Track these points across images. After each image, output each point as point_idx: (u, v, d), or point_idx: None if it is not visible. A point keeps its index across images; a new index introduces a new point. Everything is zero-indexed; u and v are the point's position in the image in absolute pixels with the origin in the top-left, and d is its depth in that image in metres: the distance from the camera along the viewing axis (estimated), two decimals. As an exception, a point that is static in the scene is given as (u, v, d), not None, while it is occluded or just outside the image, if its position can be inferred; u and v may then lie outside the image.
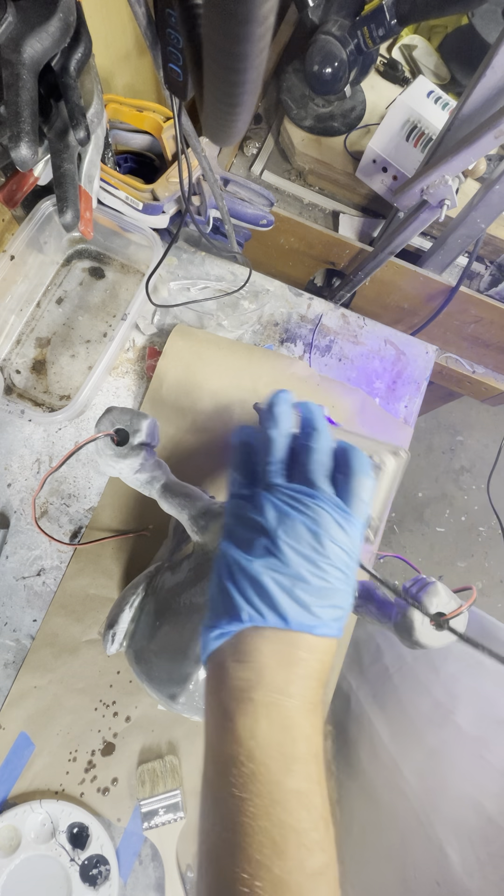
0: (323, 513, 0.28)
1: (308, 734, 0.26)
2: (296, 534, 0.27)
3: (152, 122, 0.57)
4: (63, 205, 0.42)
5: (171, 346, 0.62)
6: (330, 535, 0.27)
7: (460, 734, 0.45)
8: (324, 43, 0.70)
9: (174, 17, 0.26)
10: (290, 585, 0.27)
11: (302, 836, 0.23)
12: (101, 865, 0.48)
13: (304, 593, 0.27)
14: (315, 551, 0.27)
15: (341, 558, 0.28)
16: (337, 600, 0.28)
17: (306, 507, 0.28)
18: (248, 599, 0.27)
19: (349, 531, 0.28)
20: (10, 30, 0.33)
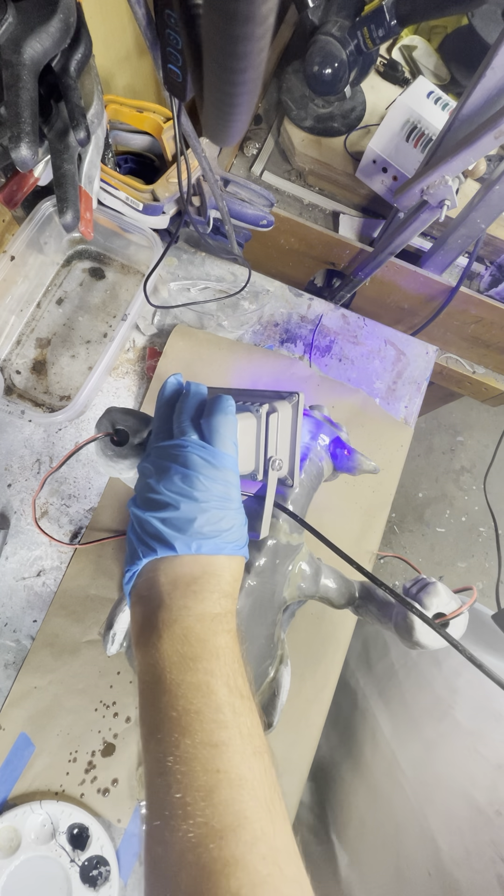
0: (190, 455, 0.32)
1: (205, 638, 0.29)
2: (168, 478, 0.32)
3: (152, 123, 0.57)
4: (63, 205, 0.42)
5: (171, 346, 0.62)
6: (199, 471, 0.31)
7: (457, 727, 0.46)
8: (324, 44, 0.70)
9: (174, 18, 0.26)
10: (172, 518, 0.31)
11: (203, 717, 0.26)
12: (102, 866, 0.48)
13: (184, 521, 0.31)
14: (188, 485, 0.31)
15: (215, 486, 0.32)
16: (221, 523, 0.31)
17: (175, 455, 0.32)
18: (140, 540, 0.31)
19: (217, 463, 0.32)
20: (11, 30, 0.33)
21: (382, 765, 0.50)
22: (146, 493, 0.33)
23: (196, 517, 0.31)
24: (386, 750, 0.51)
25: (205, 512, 0.31)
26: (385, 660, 0.59)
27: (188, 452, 0.32)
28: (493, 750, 0.43)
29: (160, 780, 0.26)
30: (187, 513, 0.31)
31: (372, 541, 0.59)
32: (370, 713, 0.55)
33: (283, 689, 0.44)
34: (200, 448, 0.32)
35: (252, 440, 0.38)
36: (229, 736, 0.27)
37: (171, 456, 0.33)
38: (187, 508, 0.31)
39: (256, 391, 0.42)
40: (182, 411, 0.35)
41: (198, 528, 0.31)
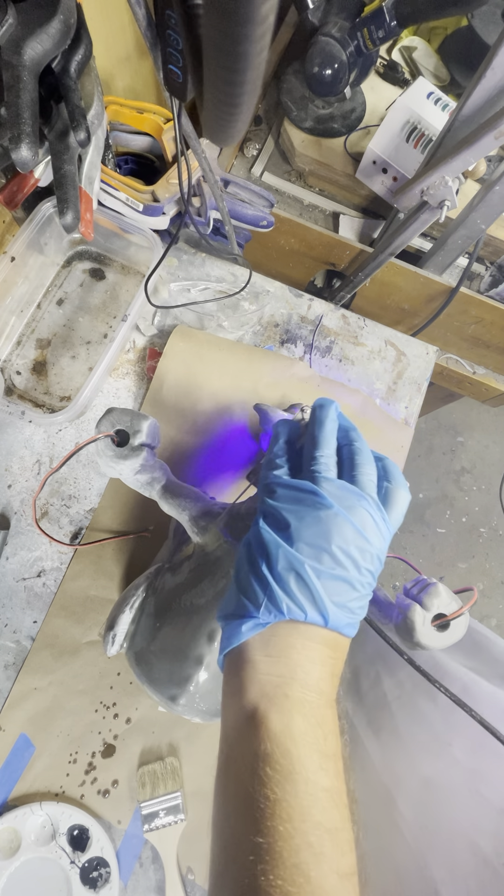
0: (369, 518, 0.28)
1: (334, 729, 0.26)
2: (344, 534, 0.27)
3: (152, 124, 0.57)
4: (63, 206, 0.42)
5: (171, 347, 0.62)
6: (371, 540, 0.28)
7: (456, 765, 0.44)
8: (324, 45, 0.71)
9: (174, 19, 0.26)
10: (332, 584, 0.27)
11: (336, 836, 0.23)
12: (102, 868, 0.47)
13: (343, 593, 0.27)
14: (359, 554, 0.27)
15: (376, 564, 0.28)
16: (364, 603, 0.28)
17: (355, 508, 0.28)
18: (288, 592, 0.27)
19: (385, 537, 0.29)
20: (11, 31, 0.33)
21: (377, 804, 0.47)
22: (308, 530, 0.27)
23: (354, 592, 0.27)
24: (379, 787, 0.48)
25: (362, 588, 0.28)
26: (377, 689, 0.56)
27: (367, 513, 0.28)
28: (497, 791, 0.40)
29: None
30: (349, 583, 0.27)
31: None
32: (358, 742, 0.53)
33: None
34: (380, 516, 0.29)
35: None
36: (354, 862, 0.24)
37: (347, 503, 0.28)
38: (350, 579, 0.27)
39: None
40: (361, 459, 0.31)
41: (353, 605, 0.27)
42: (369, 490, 0.29)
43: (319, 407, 0.33)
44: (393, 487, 0.30)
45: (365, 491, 0.29)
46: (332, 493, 0.28)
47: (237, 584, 0.29)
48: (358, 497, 0.28)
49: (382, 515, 0.29)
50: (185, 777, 0.51)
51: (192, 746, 0.52)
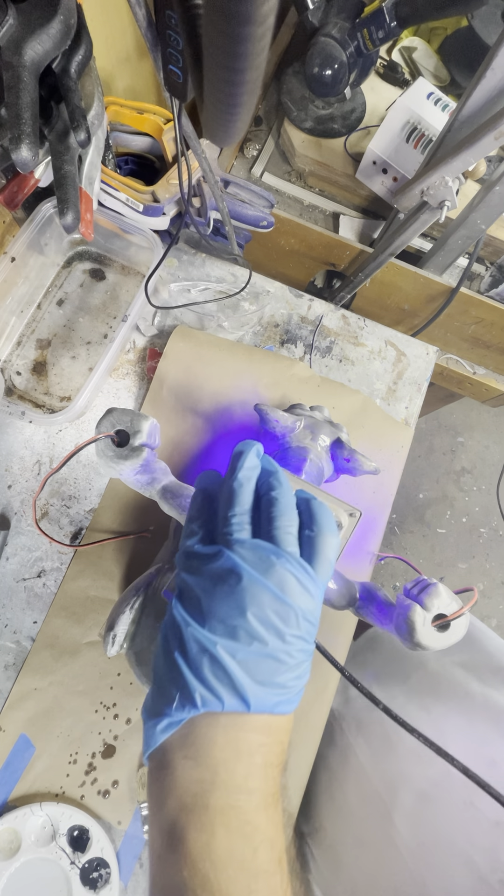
0: (289, 577, 0.25)
1: (270, 836, 0.23)
2: (260, 602, 0.24)
3: (152, 124, 0.57)
4: (64, 206, 0.42)
5: (171, 347, 0.62)
6: (296, 603, 0.24)
7: (450, 776, 0.42)
8: (324, 45, 0.71)
9: (174, 19, 0.26)
10: (253, 662, 0.24)
11: None
12: (102, 868, 0.47)
13: (268, 670, 0.24)
14: (281, 621, 0.24)
15: (306, 628, 0.25)
16: (299, 672, 0.25)
17: (271, 569, 0.24)
18: (202, 680, 0.23)
19: (314, 595, 0.25)
20: (11, 32, 0.33)
21: (373, 817, 0.46)
22: (220, 606, 0.24)
23: (282, 666, 0.24)
24: (375, 798, 0.46)
25: (291, 658, 0.24)
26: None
27: (287, 571, 0.25)
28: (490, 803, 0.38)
29: None
30: (274, 657, 0.24)
31: (372, 542, 0.59)
32: (351, 752, 0.52)
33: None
34: (303, 572, 0.25)
35: None
36: None
37: (261, 566, 0.25)
38: (275, 652, 0.24)
39: (316, 487, 0.38)
40: (277, 512, 0.27)
41: (281, 681, 0.24)
42: (287, 545, 0.26)
43: (235, 455, 0.30)
44: (316, 535, 0.27)
45: (282, 547, 0.25)
46: (245, 557, 0.25)
47: (154, 675, 0.26)
48: (274, 556, 0.25)
49: (305, 570, 0.25)
50: (185, 778, 0.51)
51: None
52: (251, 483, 0.29)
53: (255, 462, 0.30)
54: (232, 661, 0.23)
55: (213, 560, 0.26)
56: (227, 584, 0.25)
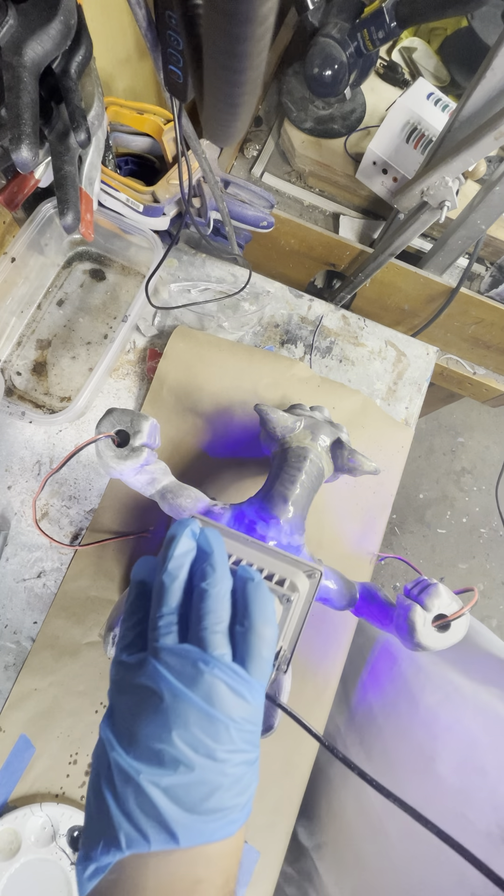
0: (218, 685, 0.23)
1: None
2: (185, 720, 0.22)
3: (153, 125, 0.57)
4: (64, 207, 0.42)
5: (171, 347, 0.62)
6: (228, 713, 0.22)
7: (441, 785, 0.42)
8: (324, 45, 0.71)
9: (175, 19, 0.26)
10: (181, 789, 0.21)
11: None
12: (102, 869, 0.47)
13: (198, 796, 0.21)
14: (211, 739, 0.22)
15: (243, 738, 0.23)
16: (239, 788, 0.23)
17: (198, 679, 0.22)
18: (128, 815, 0.21)
19: (251, 700, 0.23)
20: (11, 32, 0.33)
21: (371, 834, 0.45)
22: (145, 728, 0.22)
23: (217, 788, 0.22)
24: (373, 816, 0.45)
25: (226, 777, 0.22)
26: (364, 704, 0.55)
27: (216, 679, 0.23)
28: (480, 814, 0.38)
29: None
30: (205, 780, 0.22)
31: (373, 542, 0.59)
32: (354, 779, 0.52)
33: (283, 691, 0.44)
34: (233, 676, 0.23)
35: None
36: None
37: (187, 676, 0.23)
38: (206, 773, 0.22)
39: (268, 548, 0.36)
40: (205, 609, 0.24)
41: (215, 804, 0.22)
42: (214, 648, 0.23)
43: (167, 541, 0.27)
44: (248, 630, 0.24)
45: (209, 651, 0.23)
46: (170, 667, 0.23)
47: (86, 808, 0.23)
48: (202, 662, 0.23)
49: (236, 674, 0.23)
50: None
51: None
52: (182, 573, 0.26)
53: (187, 547, 0.27)
54: (156, 790, 0.21)
55: (138, 672, 0.24)
56: (151, 701, 0.23)
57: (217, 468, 0.59)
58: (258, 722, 0.24)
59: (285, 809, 0.51)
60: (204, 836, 0.21)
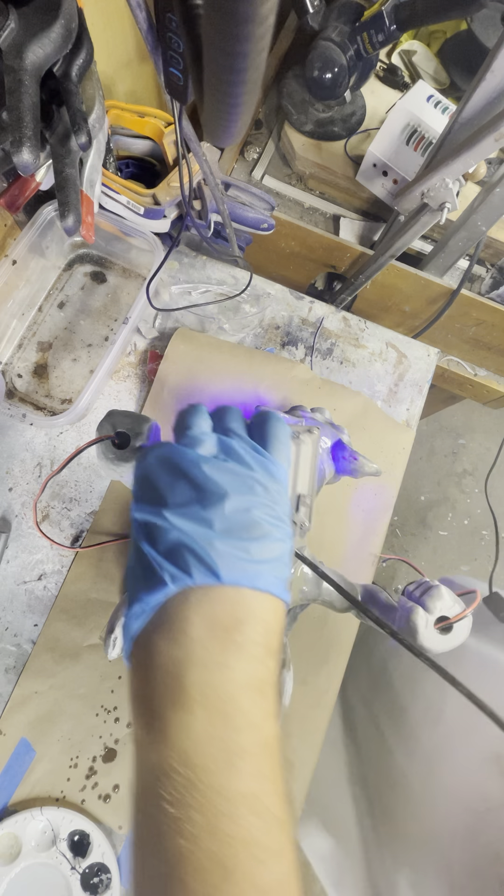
0: (245, 454, 0.25)
1: (255, 720, 0.21)
2: (218, 473, 0.24)
3: (153, 128, 0.57)
4: (65, 209, 0.42)
5: (172, 349, 0.62)
6: (253, 477, 0.24)
7: (452, 730, 0.45)
8: (324, 49, 0.71)
9: (175, 21, 0.26)
10: (219, 531, 0.22)
11: (253, 847, 0.19)
12: (103, 874, 0.47)
13: (236, 539, 0.22)
14: (243, 490, 0.23)
15: (270, 501, 0.24)
16: (275, 551, 0.24)
17: (224, 452, 0.25)
18: (170, 557, 0.22)
19: (275, 472, 0.25)
20: (13, 36, 0.33)
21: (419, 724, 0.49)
22: (178, 485, 0.24)
23: (259, 539, 0.23)
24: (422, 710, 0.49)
25: (266, 536, 0.23)
26: (384, 675, 0.58)
27: (241, 450, 0.25)
28: (485, 740, 0.41)
29: None
30: (248, 531, 0.23)
31: (374, 543, 0.59)
32: (384, 739, 0.54)
33: (285, 693, 0.44)
34: (254, 451, 0.26)
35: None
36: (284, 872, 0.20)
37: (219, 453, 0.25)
38: (248, 523, 0.23)
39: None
40: (227, 416, 0.28)
41: (251, 549, 0.23)
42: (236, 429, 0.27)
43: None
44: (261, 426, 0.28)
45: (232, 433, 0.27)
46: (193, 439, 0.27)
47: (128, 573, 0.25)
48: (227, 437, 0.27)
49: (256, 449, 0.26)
50: (186, 782, 0.51)
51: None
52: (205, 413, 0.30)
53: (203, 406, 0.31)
54: (195, 529, 0.23)
55: (160, 448, 0.26)
56: (181, 463, 0.25)
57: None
58: (285, 497, 0.26)
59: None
60: (243, 579, 0.22)
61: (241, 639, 0.22)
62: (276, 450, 0.27)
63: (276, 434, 0.27)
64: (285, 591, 0.24)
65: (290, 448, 0.28)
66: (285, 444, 0.27)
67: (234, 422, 0.28)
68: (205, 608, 0.22)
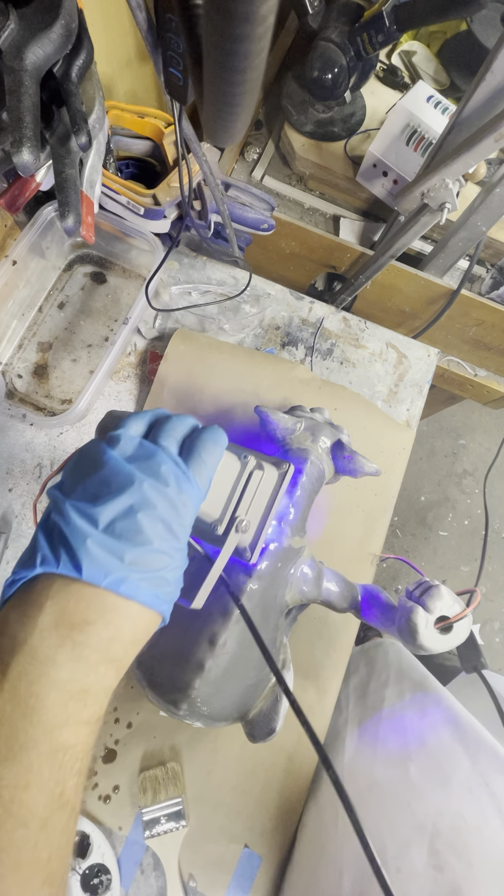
0: (160, 465, 0.25)
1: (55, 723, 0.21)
2: (118, 475, 0.24)
3: (153, 128, 0.57)
4: (65, 209, 0.42)
5: (172, 350, 0.62)
6: (157, 486, 0.24)
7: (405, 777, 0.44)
8: (324, 49, 0.71)
9: (174, 22, 0.26)
10: (100, 529, 0.23)
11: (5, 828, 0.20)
12: (103, 875, 0.47)
13: (113, 540, 0.23)
14: (135, 497, 0.23)
15: (169, 512, 0.24)
16: (155, 562, 0.24)
17: (139, 456, 0.25)
18: (49, 542, 0.23)
19: (185, 488, 0.25)
20: (13, 36, 0.33)
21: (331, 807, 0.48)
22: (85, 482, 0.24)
23: (136, 546, 0.23)
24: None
25: (146, 544, 0.23)
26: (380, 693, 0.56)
27: (158, 460, 0.25)
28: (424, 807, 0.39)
29: None
30: (123, 525, 0.23)
31: (374, 544, 0.59)
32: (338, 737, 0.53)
33: (285, 694, 0.44)
34: (172, 463, 0.26)
35: (227, 487, 0.33)
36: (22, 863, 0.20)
37: (135, 453, 0.26)
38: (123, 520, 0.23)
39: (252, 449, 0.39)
40: (167, 423, 0.28)
41: (125, 553, 0.23)
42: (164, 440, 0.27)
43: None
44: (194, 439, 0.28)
45: (159, 442, 0.27)
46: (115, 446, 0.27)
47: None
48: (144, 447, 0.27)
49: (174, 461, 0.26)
50: (186, 782, 0.51)
51: (193, 751, 0.51)
52: (161, 411, 0.30)
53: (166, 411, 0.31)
54: (78, 519, 0.23)
55: (90, 442, 0.28)
56: (94, 461, 0.26)
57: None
58: (185, 515, 0.26)
59: (288, 813, 0.50)
60: (106, 579, 0.22)
61: (80, 639, 0.22)
62: (196, 467, 0.27)
63: (204, 451, 0.27)
64: (159, 603, 0.24)
65: (214, 468, 0.28)
66: (209, 464, 0.27)
67: (168, 431, 0.28)
68: (60, 600, 0.22)
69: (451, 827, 0.37)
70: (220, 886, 0.48)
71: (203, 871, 0.48)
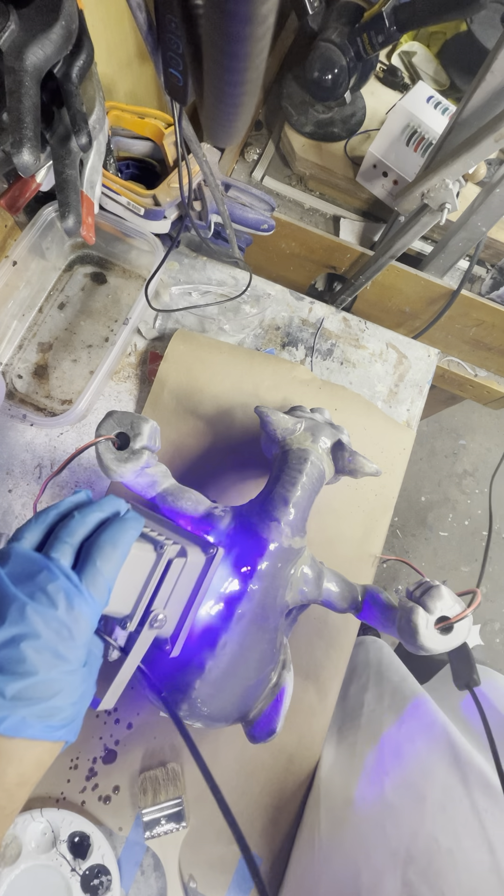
0: (48, 583, 0.23)
1: None
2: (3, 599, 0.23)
3: (153, 129, 0.57)
4: (65, 210, 0.42)
5: (172, 350, 0.62)
6: (41, 610, 0.23)
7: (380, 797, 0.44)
8: (324, 50, 0.71)
9: (175, 22, 0.26)
10: None
11: None
12: (103, 875, 0.47)
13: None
14: (19, 625, 0.22)
15: (52, 640, 0.23)
16: (43, 692, 0.23)
17: (29, 572, 0.24)
18: None
19: (76, 606, 0.24)
20: (13, 37, 0.33)
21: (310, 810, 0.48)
22: None
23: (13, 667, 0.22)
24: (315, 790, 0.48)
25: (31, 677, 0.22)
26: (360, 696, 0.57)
27: (46, 577, 0.24)
28: (399, 830, 0.39)
29: None
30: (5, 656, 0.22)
31: (375, 544, 0.59)
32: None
33: (286, 692, 0.44)
34: (64, 578, 0.24)
35: (140, 580, 0.31)
36: None
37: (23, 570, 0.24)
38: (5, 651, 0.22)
39: (179, 528, 0.38)
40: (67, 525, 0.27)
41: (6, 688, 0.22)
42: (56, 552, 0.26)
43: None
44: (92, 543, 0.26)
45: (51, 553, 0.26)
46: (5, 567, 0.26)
47: None
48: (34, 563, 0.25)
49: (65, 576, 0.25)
50: (186, 783, 0.51)
51: (193, 752, 0.51)
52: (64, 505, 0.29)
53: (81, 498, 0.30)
54: None
55: None
56: None
57: (218, 471, 0.59)
58: (78, 634, 0.24)
59: (288, 814, 0.50)
60: None
61: None
62: (90, 577, 0.25)
63: (99, 558, 0.25)
64: (50, 732, 0.23)
65: (114, 573, 0.26)
66: (106, 571, 0.26)
67: (63, 537, 0.26)
68: None
69: (424, 851, 0.36)
70: (220, 887, 0.48)
71: (203, 871, 0.48)
